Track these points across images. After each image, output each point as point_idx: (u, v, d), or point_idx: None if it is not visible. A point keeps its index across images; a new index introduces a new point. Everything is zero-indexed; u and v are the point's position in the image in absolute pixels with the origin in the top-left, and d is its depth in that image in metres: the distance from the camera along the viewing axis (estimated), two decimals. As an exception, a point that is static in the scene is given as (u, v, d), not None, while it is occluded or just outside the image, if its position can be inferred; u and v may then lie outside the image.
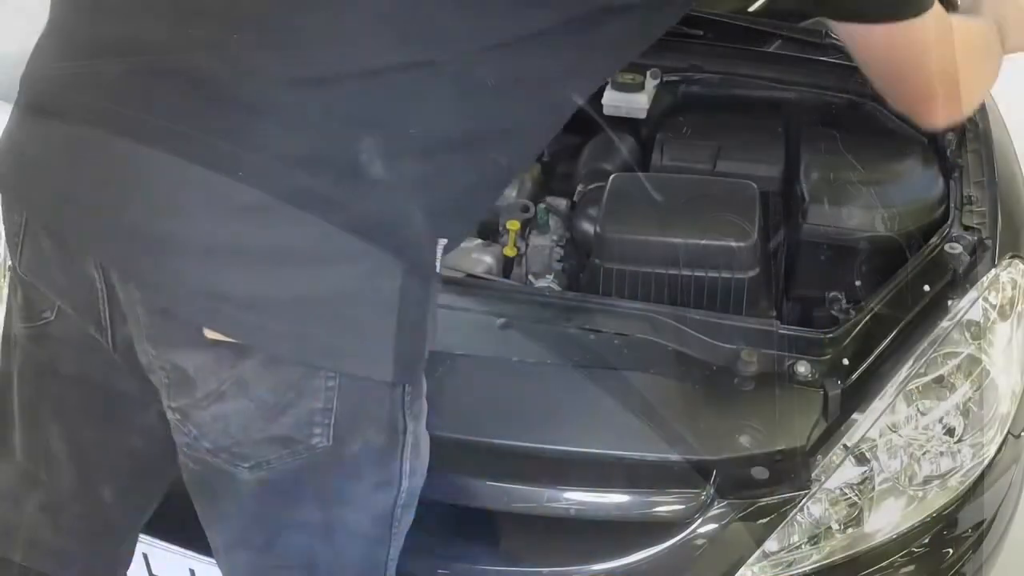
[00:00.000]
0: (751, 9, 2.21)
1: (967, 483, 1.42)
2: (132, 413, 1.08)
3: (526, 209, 1.79)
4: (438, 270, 1.02)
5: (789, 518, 1.32)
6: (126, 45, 0.96)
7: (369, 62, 0.92)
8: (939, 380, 1.43)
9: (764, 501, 1.31)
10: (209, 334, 0.94)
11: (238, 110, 0.91)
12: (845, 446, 1.35)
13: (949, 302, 1.48)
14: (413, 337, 1.01)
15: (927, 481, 1.41)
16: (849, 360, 1.40)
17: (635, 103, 1.95)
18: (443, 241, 1.01)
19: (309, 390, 0.96)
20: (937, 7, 1.14)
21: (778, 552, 1.33)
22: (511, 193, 1.85)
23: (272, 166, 0.90)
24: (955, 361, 1.45)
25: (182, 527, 1.22)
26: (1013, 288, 1.54)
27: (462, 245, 1.73)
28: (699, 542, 1.31)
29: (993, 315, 1.50)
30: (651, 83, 1.97)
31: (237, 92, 0.91)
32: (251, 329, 0.93)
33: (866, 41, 1.17)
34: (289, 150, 0.91)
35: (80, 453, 1.21)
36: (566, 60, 1.03)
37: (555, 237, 1.76)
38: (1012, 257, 1.57)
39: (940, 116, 1.27)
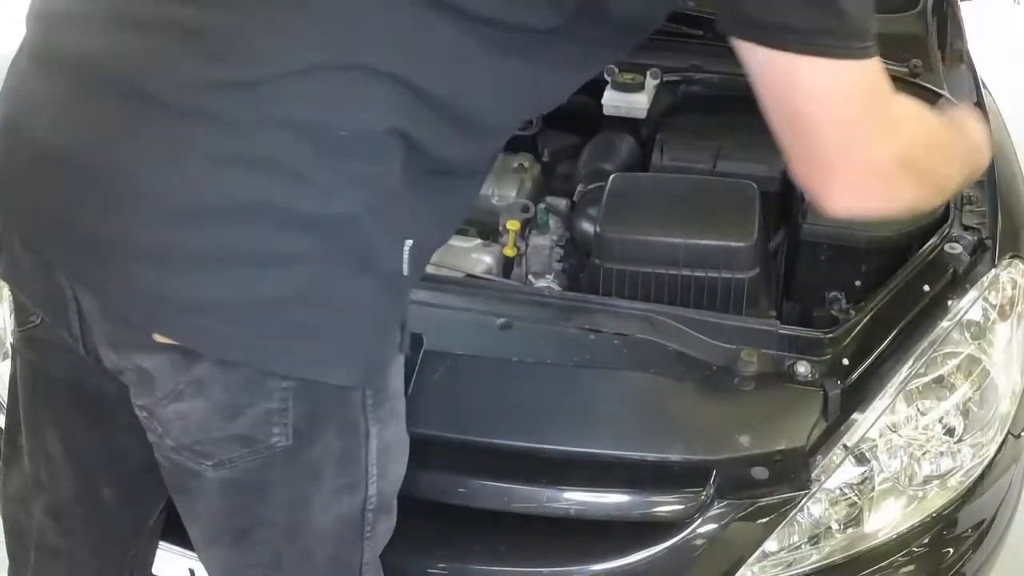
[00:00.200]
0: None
1: (967, 483, 1.42)
2: (121, 414, 1.09)
3: (526, 209, 1.79)
4: (404, 272, 1.01)
5: (789, 518, 1.32)
6: (75, 58, 0.97)
7: (294, 63, 0.92)
8: (939, 380, 1.43)
9: (764, 501, 1.31)
10: (159, 338, 0.95)
11: (173, 116, 0.91)
12: (845, 446, 1.35)
13: (949, 302, 1.47)
14: (369, 340, 1.01)
15: (927, 481, 1.41)
16: (849, 360, 1.40)
17: (635, 103, 1.95)
18: (409, 242, 1.00)
19: (263, 391, 0.97)
20: (878, 72, 0.97)
21: (778, 552, 1.33)
22: (511, 193, 1.86)
23: (210, 170, 0.91)
24: (955, 361, 1.44)
25: (182, 527, 1.22)
26: (1013, 288, 1.54)
27: (462, 245, 1.75)
28: (699, 542, 1.31)
29: (993, 315, 1.50)
30: (651, 83, 1.97)
31: (170, 99, 0.92)
32: (198, 333, 0.94)
33: (765, 69, 0.98)
34: (226, 153, 0.91)
35: (76, 456, 1.22)
36: (511, 69, 1.01)
37: (555, 237, 1.76)
38: (1012, 257, 1.57)
39: (839, 197, 1.02)
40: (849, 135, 0.99)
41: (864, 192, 1.03)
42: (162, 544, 1.39)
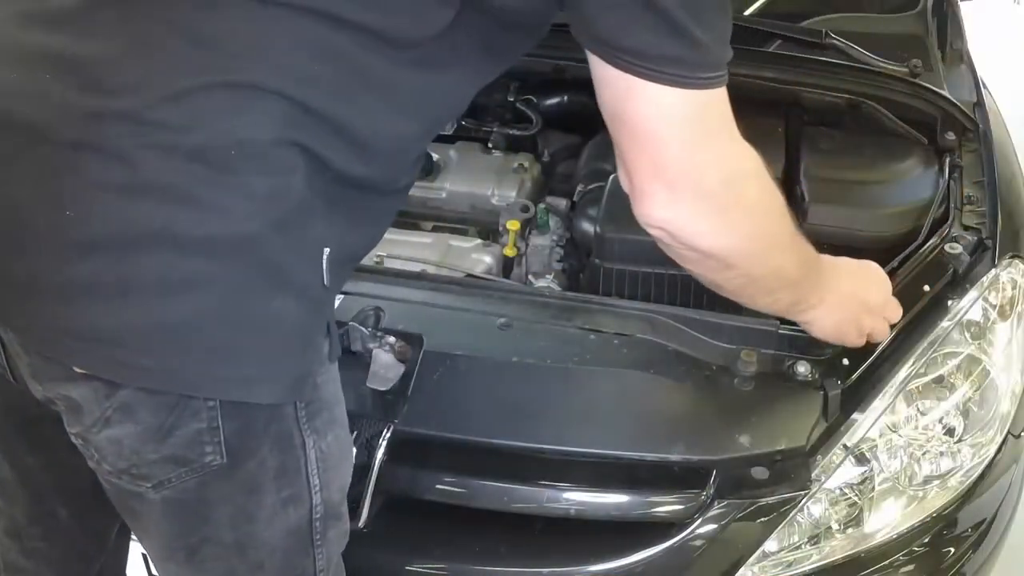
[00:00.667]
0: (747, 12, 2.20)
1: (967, 483, 1.42)
2: (63, 436, 1.08)
3: (526, 209, 1.79)
4: (325, 282, 1.00)
5: (789, 518, 1.32)
6: None
7: (172, 86, 0.91)
8: (939, 380, 1.43)
9: (764, 501, 1.31)
10: (79, 369, 0.95)
11: (60, 150, 0.91)
12: (845, 446, 1.35)
13: (949, 302, 1.48)
14: (291, 355, 1.00)
15: (927, 481, 1.41)
16: (849, 360, 1.40)
17: (635, 103, 1.95)
18: (327, 250, 0.99)
19: (189, 412, 0.97)
20: (722, 101, 1.00)
21: (778, 552, 1.33)
22: (511, 193, 1.86)
23: (102, 201, 0.91)
24: (955, 361, 1.44)
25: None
26: (1013, 288, 1.54)
27: (462, 245, 1.75)
28: (699, 542, 1.31)
29: (993, 315, 1.50)
30: (651, 83, 1.97)
31: (55, 133, 0.91)
32: (113, 364, 0.94)
33: (610, 82, 0.99)
34: (115, 183, 0.91)
35: (26, 478, 1.23)
36: (406, 81, 1.00)
37: (555, 237, 1.76)
38: (1012, 257, 1.57)
39: (653, 204, 1.05)
40: (682, 154, 1.01)
41: (680, 208, 1.05)
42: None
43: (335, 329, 1.07)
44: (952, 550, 1.42)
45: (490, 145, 2.02)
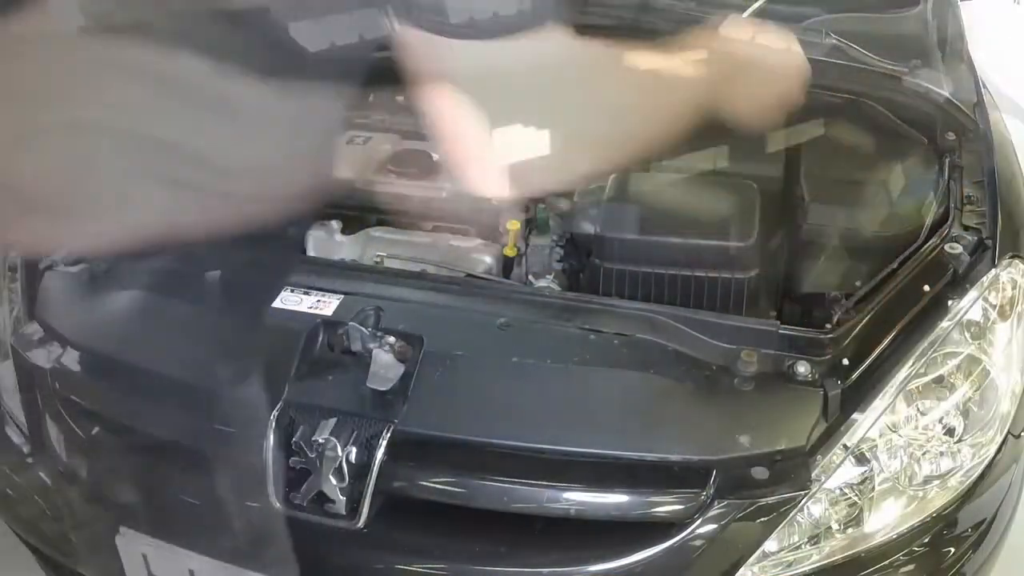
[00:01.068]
0: (746, 13, 2.20)
1: (967, 483, 1.42)
2: None
3: (526, 209, 1.79)
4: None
5: (789, 518, 1.32)
6: None
7: (18, 131, 0.88)
8: (939, 380, 1.43)
9: (764, 501, 1.31)
10: None
11: None
12: (845, 446, 1.35)
13: (949, 302, 1.47)
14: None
15: (927, 481, 1.41)
16: (849, 360, 1.40)
17: (635, 103, 1.95)
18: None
19: None
20: None
21: (778, 552, 1.33)
22: (511, 193, 1.86)
23: None
24: (955, 361, 1.44)
25: (182, 527, 1.22)
26: (1013, 288, 1.54)
27: (462, 245, 1.75)
28: (699, 542, 1.31)
29: (993, 315, 1.50)
30: (651, 83, 1.97)
31: None
32: None
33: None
34: None
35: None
36: None
37: (555, 237, 1.76)
38: (1012, 257, 1.57)
39: (481, 181, 0.93)
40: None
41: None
42: (162, 544, 1.39)
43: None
44: (952, 550, 1.42)
45: (490, 145, 2.01)
